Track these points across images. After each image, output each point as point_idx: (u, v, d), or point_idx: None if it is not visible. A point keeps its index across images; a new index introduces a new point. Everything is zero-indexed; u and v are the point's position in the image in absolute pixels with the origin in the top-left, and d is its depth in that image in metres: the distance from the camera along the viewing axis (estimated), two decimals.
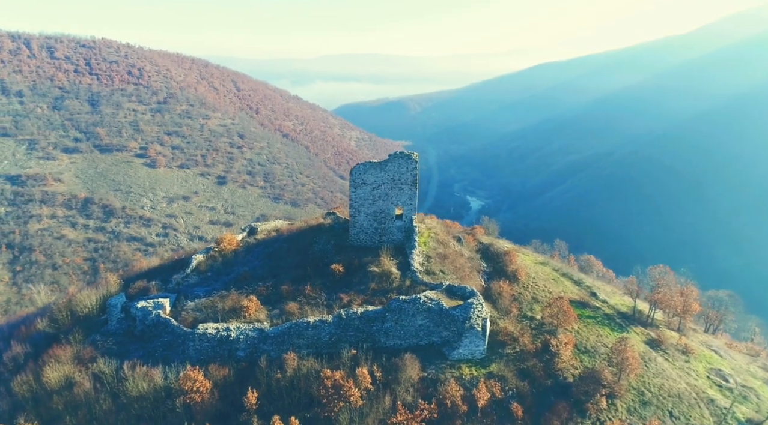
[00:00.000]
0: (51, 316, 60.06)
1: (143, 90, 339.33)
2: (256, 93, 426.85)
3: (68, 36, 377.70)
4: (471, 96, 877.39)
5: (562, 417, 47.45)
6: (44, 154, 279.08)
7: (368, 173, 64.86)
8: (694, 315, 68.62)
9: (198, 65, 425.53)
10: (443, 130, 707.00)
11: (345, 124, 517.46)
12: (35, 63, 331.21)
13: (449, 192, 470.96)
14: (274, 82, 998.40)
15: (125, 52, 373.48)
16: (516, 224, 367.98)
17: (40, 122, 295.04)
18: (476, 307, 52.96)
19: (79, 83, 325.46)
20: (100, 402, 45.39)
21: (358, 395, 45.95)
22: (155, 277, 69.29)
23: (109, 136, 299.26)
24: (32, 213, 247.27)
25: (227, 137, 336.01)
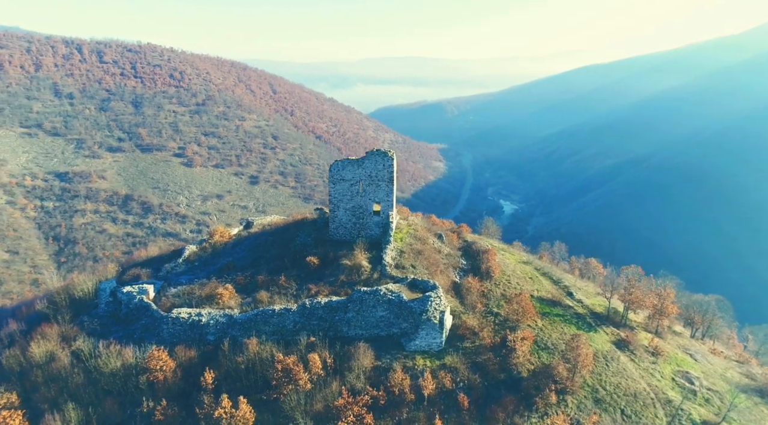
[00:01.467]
0: (50, 298, 65.21)
1: (183, 92, 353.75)
2: (292, 95, 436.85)
3: (116, 41, 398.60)
4: (510, 99, 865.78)
5: (507, 410, 48.20)
6: (90, 152, 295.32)
7: (346, 170, 67.08)
8: (678, 318, 67.07)
9: (237, 68, 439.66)
10: (480, 133, 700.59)
11: (379, 126, 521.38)
12: (85, 67, 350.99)
13: (482, 195, 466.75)
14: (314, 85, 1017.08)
15: (168, 56, 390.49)
16: (547, 228, 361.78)
17: (87, 123, 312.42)
18: (434, 300, 54.26)
19: (124, 86, 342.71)
20: (73, 376, 49.40)
21: (307, 379, 48.26)
22: (152, 266, 73.87)
23: (150, 136, 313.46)
24: (77, 209, 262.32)
25: (261, 138, 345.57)
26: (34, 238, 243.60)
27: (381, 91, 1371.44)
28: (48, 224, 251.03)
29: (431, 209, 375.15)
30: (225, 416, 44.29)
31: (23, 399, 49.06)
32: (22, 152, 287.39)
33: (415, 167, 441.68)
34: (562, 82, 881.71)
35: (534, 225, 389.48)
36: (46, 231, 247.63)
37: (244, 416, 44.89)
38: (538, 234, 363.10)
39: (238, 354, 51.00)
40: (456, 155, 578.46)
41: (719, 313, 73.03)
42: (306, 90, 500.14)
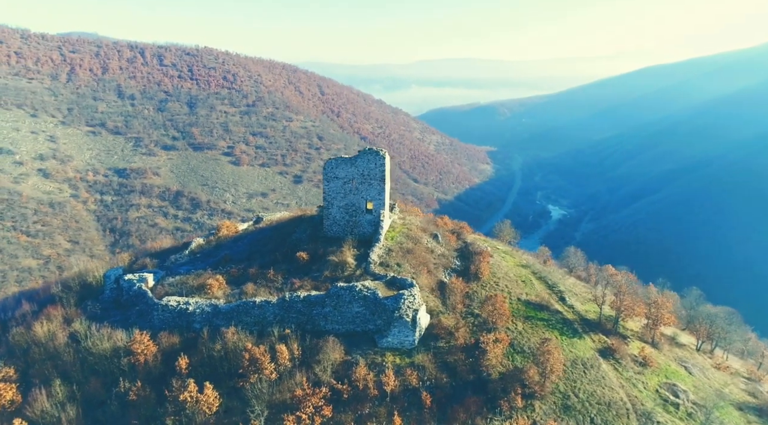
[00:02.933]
0: (64, 283, 70.34)
1: (235, 93, 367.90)
2: (340, 97, 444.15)
3: (176, 45, 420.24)
4: (565, 101, 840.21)
5: (470, 411, 47.76)
6: (147, 150, 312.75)
7: (340, 168, 68.27)
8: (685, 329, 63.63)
9: (287, 70, 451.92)
10: (532, 135, 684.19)
11: (426, 127, 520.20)
12: (147, 70, 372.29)
13: (530, 199, 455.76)
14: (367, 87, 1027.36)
15: (223, 59, 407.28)
16: (595, 235, 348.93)
17: (146, 122, 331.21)
18: (407, 298, 54.43)
19: (180, 87, 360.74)
20: (64, 355, 53.27)
21: (272, 369, 49.75)
22: (162, 256, 78.05)
23: (201, 136, 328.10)
24: (132, 203, 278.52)
25: (307, 138, 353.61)
26: (93, 230, 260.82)
27: (435, 92, 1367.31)
28: (106, 217, 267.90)
29: (474, 213, 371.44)
30: (190, 400, 46.48)
31: (23, 374, 53.35)
32: (87, 149, 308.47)
33: (461, 169, 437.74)
34: (621, 84, 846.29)
35: (582, 231, 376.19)
36: (104, 224, 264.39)
37: (208, 401, 46.92)
38: (586, 240, 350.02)
39: (217, 343, 53.22)
40: (505, 158, 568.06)
41: (729, 326, 68.32)
42: (354, 91, 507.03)
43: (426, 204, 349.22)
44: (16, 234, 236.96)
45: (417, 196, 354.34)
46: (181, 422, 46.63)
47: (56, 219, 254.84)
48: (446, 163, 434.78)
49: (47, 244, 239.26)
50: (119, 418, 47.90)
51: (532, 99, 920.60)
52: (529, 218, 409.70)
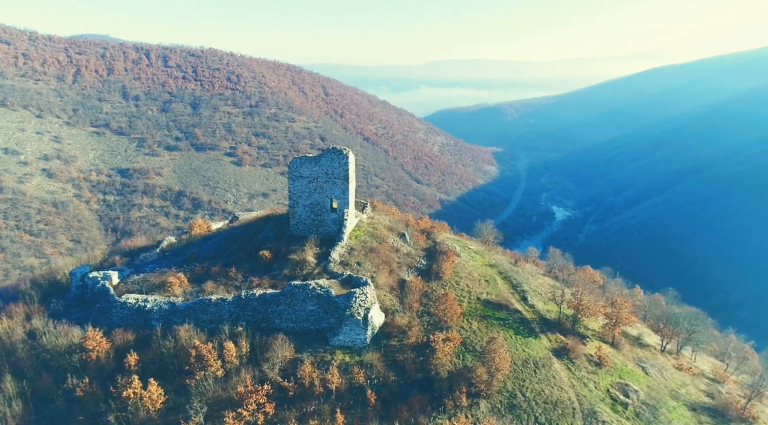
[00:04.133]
0: (34, 281, 71.16)
1: (238, 94, 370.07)
2: (344, 98, 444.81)
3: (181, 46, 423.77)
4: (573, 101, 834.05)
5: (413, 409, 47.64)
6: (150, 150, 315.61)
7: (304, 166, 68.36)
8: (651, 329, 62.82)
9: (292, 72, 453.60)
10: (539, 136, 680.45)
11: (431, 128, 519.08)
12: (152, 71, 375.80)
13: (535, 200, 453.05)
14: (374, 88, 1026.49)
15: (227, 60, 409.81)
16: (598, 237, 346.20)
17: (149, 123, 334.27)
18: (359, 297, 54.34)
19: (185, 88, 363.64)
20: (15, 350, 53.86)
21: (219, 366, 49.90)
22: (135, 254, 78.64)
23: (204, 136, 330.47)
24: (135, 203, 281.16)
25: (309, 139, 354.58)
26: (95, 229, 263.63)
27: (444, 93, 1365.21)
28: (108, 216, 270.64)
29: (476, 213, 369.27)
30: (133, 396, 46.76)
31: None
32: (91, 149, 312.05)
33: (464, 170, 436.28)
34: (629, 85, 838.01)
35: (586, 233, 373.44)
36: (106, 223, 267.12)
37: (152, 397, 47.16)
38: (589, 242, 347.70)
39: (168, 340, 53.51)
40: (511, 159, 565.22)
41: (693, 326, 67.22)
42: (359, 92, 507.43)
43: (428, 204, 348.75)
44: (20, 233, 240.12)
45: (419, 196, 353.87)
46: (125, 419, 46.94)
47: (59, 218, 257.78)
48: (450, 163, 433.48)
49: (49, 243, 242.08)
50: (66, 414, 48.33)
51: (539, 100, 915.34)
52: (533, 219, 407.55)
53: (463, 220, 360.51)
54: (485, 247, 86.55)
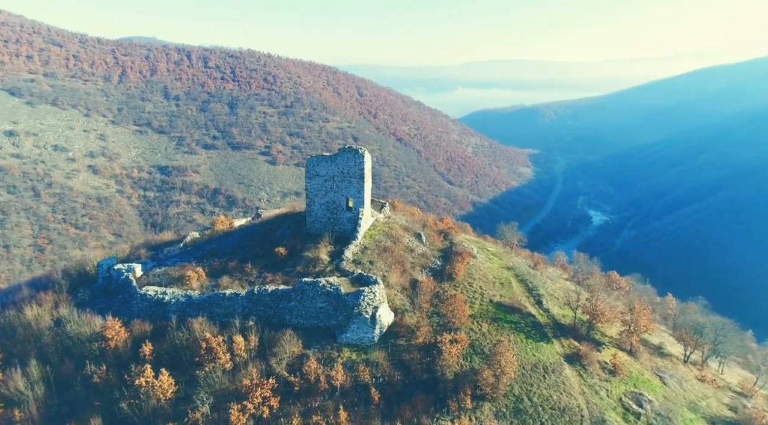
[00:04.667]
0: (64, 271, 74.60)
1: (274, 94, 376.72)
2: (378, 98, 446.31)
3: (220, 48, 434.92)
4: (614, 103, 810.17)
5: (417, 409, 47.61)
6: (188, 149, 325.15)
7: (321, 165, 69.14)
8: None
9: (327, 72, 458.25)
10: (577, 138, 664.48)
11: (465, 130, 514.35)
12: (192, 72, 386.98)
13: (571, 204, 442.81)
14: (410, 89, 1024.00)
15: (264, 61, 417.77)
16: (636, 243, 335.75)
17: (188, 122, 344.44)
18: (367, 295, 54.61)
19: (223, 88, 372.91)
20: (42, 336, 56.64)
21: (227, 358, 51.12)
22: (160, 248, 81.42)
23: (240, 135, 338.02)
24: (173, 199, 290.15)
25: (342, 139, 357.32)
26: (135, 224, 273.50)
27: (480, 94, 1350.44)
28: (148, 212, 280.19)
29: (510, 216, 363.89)
30: (145, 385, 48.48)
31: (9, 354, 57.00)
32: (133, 147, 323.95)
33: (498, 172, 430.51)
34: (675, 86, 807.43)
35: (623, 238, 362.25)
36: (145, 218, 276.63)
37: (163, 386, 48.77)
38: (626, 248, 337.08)
39: (183, 332, 55.17)
40: (547, 161, 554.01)
41: (720, 337, 64.24)
42: (393, 93, 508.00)
43: (459, 206, 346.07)
44: (66, 227, 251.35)
45: (450, 197, 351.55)
46: (138, 406, 48.66)
47: (102, 213, 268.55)
48: (483, 165, 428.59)
49: (93, 236, 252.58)
50: (84, 399, 50.49)
51: (578, 101, 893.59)
52: (568, 223, 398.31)
53: (494, 223, 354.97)
54: (505, 250, 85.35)
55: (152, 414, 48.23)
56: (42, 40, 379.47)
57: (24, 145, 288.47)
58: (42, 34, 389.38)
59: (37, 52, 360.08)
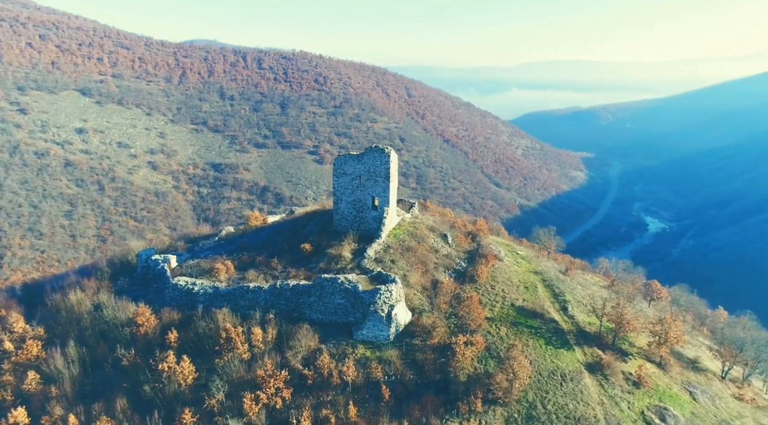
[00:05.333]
0: (109, 260, 79.26)
1: (324, 95, 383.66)
2: (426, 99, 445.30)
3: (275, 49, 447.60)
4: (677, 105, 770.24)
5: (426, 409, 47.57)
6: (240, 147, 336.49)
7: (348, 164, 70.02)
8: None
9: (377, 73, 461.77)
10: (636, 142, 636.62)
11: (516, 131, 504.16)
12: (247, 73, 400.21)
13: (626, 210, 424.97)
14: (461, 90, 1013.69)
15: (316, 62, 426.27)
16: (694, 253, 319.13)
17: (241, 121, 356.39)
18: (383, 294, 54.92)
19: (275, 89, 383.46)
20: (82, 319, 60.50)
21: (245, 349, 52.80)
22: (197, 241, 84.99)
23: (290, 135, 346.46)
24: (224, 196, 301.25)
25: (389, 139, 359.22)
26: (189, 218, 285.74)
27: (536, 96, 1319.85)
28: (201, 207, 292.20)
29: (558, 221, 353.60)
30: (167, 370, 50.88)
31: (52, 334, 61.29)
32: (190, 145, 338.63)
33: (548, 176, 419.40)
34: (745, 87, 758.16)
35: (681, 247, 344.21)
36: (198, 213, 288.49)
37: (184, 372, 51.01)
38: (683, 258, 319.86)
39: (206, 321, 57.43)
40: (602, 165, 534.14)
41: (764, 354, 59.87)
42: (442, 94, 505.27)
43: (506, 209, 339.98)
44: (126, 219, 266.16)
45: (497, 200, 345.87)
46: (160, 390, 51.14)
47: (159, 207, 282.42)
48: (533, 168, 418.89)
49: (150, 229, 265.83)
50: (113, 380, 53.53)
51: (639, 103, 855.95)
52: (622, 230, 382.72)
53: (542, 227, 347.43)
54: (537, 253, 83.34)
55: (173, 398, 50.53)
56: (112, 43, 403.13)
57: (92, 142, 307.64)
58: (112, 37, 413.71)
59: (106, 55, 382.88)
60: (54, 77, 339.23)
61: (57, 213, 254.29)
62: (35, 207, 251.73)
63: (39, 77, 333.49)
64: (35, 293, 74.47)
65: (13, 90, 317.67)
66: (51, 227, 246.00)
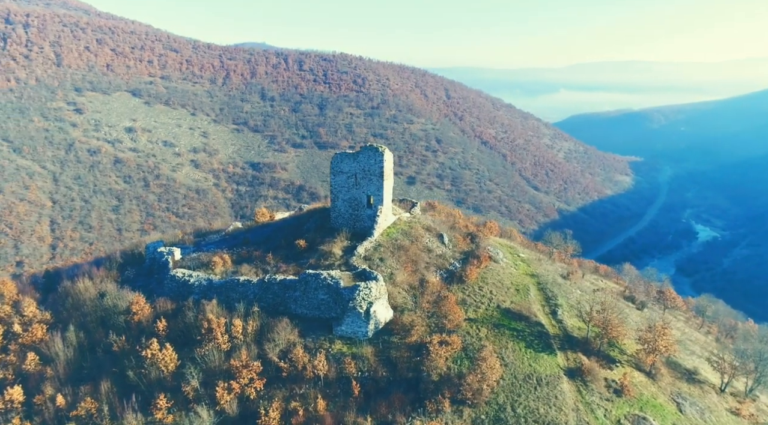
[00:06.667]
0: (123, 252, 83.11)
1: (362, 96, 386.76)
2: (466, 100, 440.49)
3: (315, 51, 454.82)
4: (737, 107, 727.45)
5: (393, 406, 47.64)
6: (279, 147, 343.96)
7: (344, 162, 70.64)
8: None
9: (416, 74, 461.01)
10: (690, 145, 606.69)
11: (559, 134, 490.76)
12: (288, 74, 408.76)
13: (674, 217, 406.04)
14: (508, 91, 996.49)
15: (356, 64, 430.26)
16: (748, 263, 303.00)
17: (281, 122, 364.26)
18: (362, 291, 55.18)
19: (314, 90, 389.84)
20: (84, 306, 63.80)
21: (225, 340, 54.24)
22: (207, 235, 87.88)
23: (327, 135, 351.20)
24: (261, 194, 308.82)
25: (425, 141, 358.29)
26: (227, 215, 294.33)
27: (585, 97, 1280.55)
28: (239, 205, 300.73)
29: (599, 227, 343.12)
30: (150, 357, 53.00)
31: (58, 318, 64.97)
32: (230, 144, 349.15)
33: (591, 180, 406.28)
34: None
35: (733, 257, 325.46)
36: (236, 211, 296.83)
37: (165, 359, 52.98)
38: (734, 268, 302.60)
39: (193, 311, 59.35)
40: (651, 170, 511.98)
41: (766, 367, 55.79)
42: (483, 95, 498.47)
43: (544, 213, 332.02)
44: (168, 215, 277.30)
45: (534, 204, 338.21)
46: (145, 375, 53.31)
47: (200, 204, 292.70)
48: (575, 171, 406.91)
49: (190, 225, 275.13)
50: (104, 364, 56.24)
51: (694, 105, 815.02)
52: (668, 237, 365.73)
53: (582, 232, 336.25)
54: (544, 256, 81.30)
55: (156, 384, 52.62)
56: (162, 46, 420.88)
57: (140, 140, 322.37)
58: (162, 41, 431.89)
59: (156, 57, 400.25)
60: (108, 79, 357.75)
61: (105, 207, 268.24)
62: (86, 201, 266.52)
63: (94, 79, 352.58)
64: (54, 280, 79.05)
65: (71, 91, 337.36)
66: (99, 221, 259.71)
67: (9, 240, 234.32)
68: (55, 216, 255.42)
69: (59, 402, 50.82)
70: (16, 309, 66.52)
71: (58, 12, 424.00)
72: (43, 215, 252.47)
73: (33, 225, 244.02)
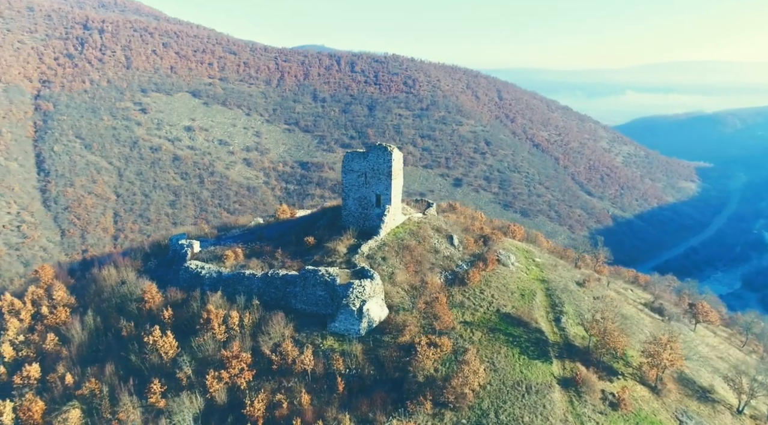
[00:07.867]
0: (151, 243, 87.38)
1: (412, 98, 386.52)
2: (519, 102, 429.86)
3: (367, 53, 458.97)
4: None
5: (375, 405, 47.52)
6: (327, 147, 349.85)
7: (354, 161, 70.98)
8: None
9: (468, 76, 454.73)
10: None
11: (618, 137, 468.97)
12: (339, 75, 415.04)
13: (745, 227, 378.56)
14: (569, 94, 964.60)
15: (407, 65, 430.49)
16: None
17: (330, 122, 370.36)
18: (356, 288, 55.26)
19: (364, 91, 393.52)
20: (104, 292, 67.65)
21: (221, 331, 55.86)
22: (229, 230, 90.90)
23: (375, 136, 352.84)
24: (309, 192, 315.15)
25: (474, 143, 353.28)
26: None
27: (653, 99, 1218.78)
28: (287, 203, 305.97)
29: (656, 235, 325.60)
30: (150, 343, 55.47)
31: (81, 303, 69.28)
32: (282, 144, 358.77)
33: (651, 186, 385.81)
34: None
35: None
36: None
37: (165, 346, 55.29)
38: None
39: (197, 302, 61.56)
40: (721, 177, 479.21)
41: None
42: (537, 97, 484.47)
43: (596, 219, 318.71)
44: (220, 210, 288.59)
45: (587, 209, 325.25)
46: (146, 360, 55.89)
47: (250, 200, 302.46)
48: (633, 177, 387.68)
49: None
50: (113, 348, 59.44)
51: None
52: (736, 249, 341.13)
53: (637, 240, 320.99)
54: (559, 262, 78.08)
55: (156, 369, 55.05)
56: (221, 49, 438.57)
57: (197, 139, 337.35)
58: (222, 44, 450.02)
59: (216, 60, 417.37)
60: (171, 80, 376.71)
61: (163, 202, 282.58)
62: (146, 195, 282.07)
63: (159, 80, 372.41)
64: (88, 268, 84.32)
65: (137, 92, 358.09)
66: (157, 214, 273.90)
67: (77, 230, 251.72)
68: (118, 209, 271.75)
69: (68, 380, 54.21)
70: (48, 293, 71.55)
71: (131, 18, 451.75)
72: (107, 208, 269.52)
73: (98, 217, 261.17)
